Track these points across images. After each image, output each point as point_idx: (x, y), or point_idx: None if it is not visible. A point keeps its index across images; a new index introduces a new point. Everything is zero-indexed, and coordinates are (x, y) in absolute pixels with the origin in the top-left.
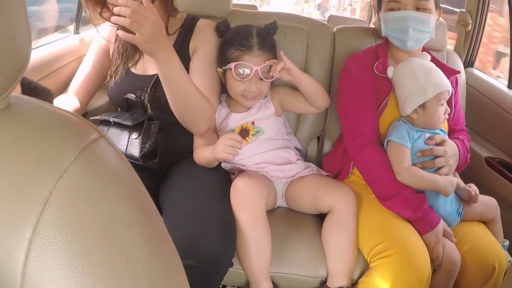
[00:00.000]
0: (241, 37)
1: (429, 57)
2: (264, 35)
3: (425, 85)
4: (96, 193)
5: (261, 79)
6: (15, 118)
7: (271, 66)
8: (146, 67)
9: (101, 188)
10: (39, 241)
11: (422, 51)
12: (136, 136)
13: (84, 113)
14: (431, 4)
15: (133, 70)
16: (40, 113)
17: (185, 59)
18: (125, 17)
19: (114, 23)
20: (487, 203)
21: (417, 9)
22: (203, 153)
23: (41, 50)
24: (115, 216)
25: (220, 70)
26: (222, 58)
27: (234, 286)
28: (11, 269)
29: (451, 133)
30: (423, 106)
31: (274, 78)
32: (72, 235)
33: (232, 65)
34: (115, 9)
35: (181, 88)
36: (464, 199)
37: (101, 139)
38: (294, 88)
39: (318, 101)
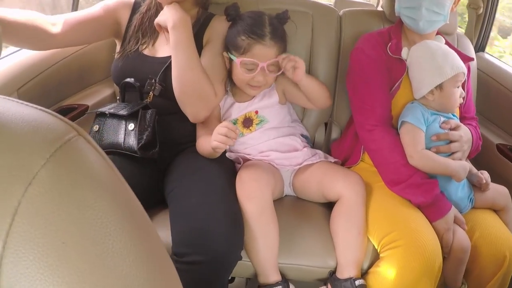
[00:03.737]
0: (254, 25)
1: (444, 41)
2: (276, 25)
3: (443, 65)
4: (69, 199)
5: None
6: None
7: (277, 61)
8: (156, 48)
9: (75, 193)
10: (10, 256)
11: (436, 34)
12: (132, 127)
13: (86, 107)
14: None
15: (144, 51)
16: (9, 112)
17: (198, 49)
18: None
19: None
20: (499, 191)
21: None
22: (204, 144)
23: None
24: (92, 224)
25: (226, 55)
26: (231, 44)
27: (242, 278)
28: None
29: (462, 120)
30: (440, 87)
31: (280, 72)
32: (44, 247)
33: (238, 60)
34: None
35: (186, 59)
36: (476, 185)
37: (78, 138)
38: None
39: (317, 103)
